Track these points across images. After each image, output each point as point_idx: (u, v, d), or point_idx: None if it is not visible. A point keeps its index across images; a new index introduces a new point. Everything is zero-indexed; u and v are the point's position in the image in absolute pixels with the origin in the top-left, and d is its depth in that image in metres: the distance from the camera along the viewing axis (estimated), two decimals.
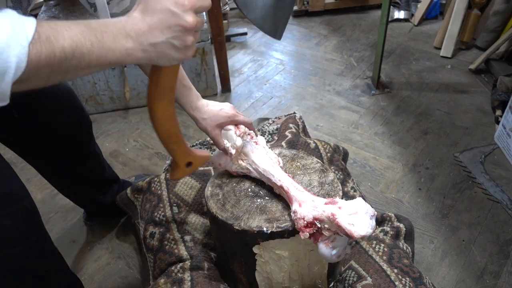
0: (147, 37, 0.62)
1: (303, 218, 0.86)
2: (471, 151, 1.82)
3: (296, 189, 0.92)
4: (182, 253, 1.18)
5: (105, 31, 0.59)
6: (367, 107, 2.13)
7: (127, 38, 0.60)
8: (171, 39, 0.62)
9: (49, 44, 0.54)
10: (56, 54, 0.54)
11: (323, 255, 0.86)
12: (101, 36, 0.58)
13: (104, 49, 0.58)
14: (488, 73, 2.30)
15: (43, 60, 0.53)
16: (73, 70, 0.57)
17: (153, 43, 0.62)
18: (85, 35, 0.57)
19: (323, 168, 1.07)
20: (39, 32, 0.53)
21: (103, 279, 1.42)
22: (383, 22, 1.98)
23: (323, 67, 2.46)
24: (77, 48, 0.56)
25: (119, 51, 0.60)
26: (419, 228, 1.50)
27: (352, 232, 0.79)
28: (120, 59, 0.61)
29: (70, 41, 0.55)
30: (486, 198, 1.61)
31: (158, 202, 1.32)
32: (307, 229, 0.86)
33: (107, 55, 0.59)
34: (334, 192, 1.00)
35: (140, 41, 0.61)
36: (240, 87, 2.33)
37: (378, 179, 1.72)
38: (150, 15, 0.62)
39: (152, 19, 0.61)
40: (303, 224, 0.86)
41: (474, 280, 1.35)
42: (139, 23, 0.61)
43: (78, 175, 1.35)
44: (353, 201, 0.85)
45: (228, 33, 2.68)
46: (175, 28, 0.62)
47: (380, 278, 1.08)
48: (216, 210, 0.97)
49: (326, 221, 0.84)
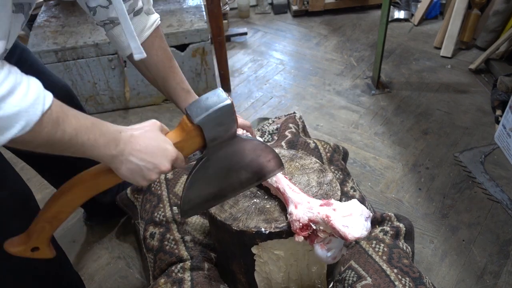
0: (131, 155, 0.71)
1: (298, 220, 0.86)
2: (471, 151, 1.82)
3: (292, 190, 0.92)
4: (182, 253, 1.18)
5: (103, 135, 0.68)
6: (367, 107, 2.13)
7: (116, 148, 0.70)
8: (144, 168, 0.73)
9: (56, 123, 0.60)
10: (57, 134, 0.61)
11: (319, 257, 0.86)
12: (99, 137, 0.67)
13: (94, 147, 0.66)
14: (488, 73, 2.30)
15: (43, 133, 0.59)
16: (59, 150, 0.64)
17: (130, 160, 0.72)
18: (88, 131, 0.65)
19: (321, 168, 1.07)
20: (52, 109, 0.59)
21: (103, 279, 1.42)
22: (383, 22, 1.98)
23: (323, 67, 2.46)
24: (75, 137, 0.63)
25: (103, 154, 0.69)
26: (419, 228, 1.50)
27: (346, 234, 0.79)
28: (98, 158, 0.69)
29: (73, 130, 0.62)
30: (486, 198, 1.61)
31: (158, 202, 1.32)
32: (303, 232, 0.86)
33: (92, 152, 0.67)
34: (332, 192, 1.00)
35: (124, 153, 0.71)
36: (240, 87, 2.33)
37: (378, 179, 1.72)
38: (146, 142, 0.73)
39: (144, 147, 0.72)
40: (299, 226, 0.86)
41: (474, 280, 1.35)
42: (138, 143, 0.72)
43: None
44: (348, 203, 0.85)
45: (228, 33, 2.68)
46: (153, 164, 0.73)
47: (380, 278, 1.08)
48: (214, 210, 0.97)
49: (321, 223, 0.84)
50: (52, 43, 1.98)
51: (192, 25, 2.04)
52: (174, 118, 2.12)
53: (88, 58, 2.00)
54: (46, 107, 0.58)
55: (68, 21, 2.14)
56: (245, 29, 2.77)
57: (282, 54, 2.61)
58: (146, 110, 2.18)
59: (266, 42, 2.73)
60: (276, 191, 0.96)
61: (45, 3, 2.32)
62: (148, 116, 2.13)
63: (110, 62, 2.03)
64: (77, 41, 1.97)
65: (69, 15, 2.21)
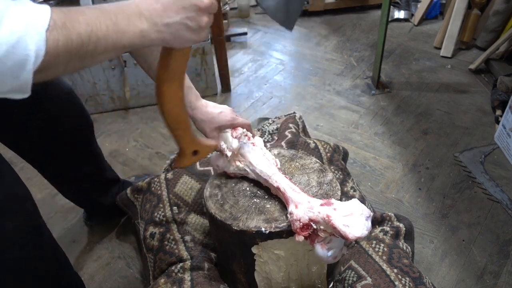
0: (161, 18, 0.61)
1: (299, 220, 0.86)
2: (471, 151, 1.82)
3: (293, 190, 0.92)
4: (182, 253, 1.18)
5: (119, 13, 0.58)
6: (367, 107, 2.13)
7: (141, 19, 0.60)
8: (185, 20, 0.62)
9: (66, 30, 0.53)
10: (73, 40, 0.54)
11: (319, 256, 0.86)
12: (116, 18, 0.58)
13: (120, 32, 0.58)
14: (488, 73, 2.30)
15: (60, 46, 0.53)
16: (90, 56, 0.57)
17: (167, 23, 0.61)
18: (100, 19, 0.56)
19: (321, 168, 1.07)
20: (54, 19, 0.53)
21: (103, 279, 1.42)
22: (383, 22, 1.98)
23: (323, 67, 2.46)
24: (93, 32, 0.55)
25: (133, 33, 0.59)
26: (419, 228, 1.50)
27: (347, 233, 0.79)
28: (135, 42, 0.60)
29: (85, 26, 0.55)
30: (486, 198, 1.61)
31: (158, 202, 1.32)
32: (303, 232, 0.86)
33: (122, 38, 0.58)
34: (332, 191, 1.00)
35: (154, 21, 0.61)
36: (240, 87, 2.33)
37: (378, 179, 1.72)
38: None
39: (167, 1, 0.61)
40: (299, 226, 0.86)
41: (474, 280, 1.35)
42: (153, 3, 0.61)
43: (79, 176, 1.35)
44: (348, 202, 0.85)
45: (228, 33, 2.68)
46: (189, 8, 0.62)
47: (380, 278, 1.08)
48: (214, 210, 0.97)
49: (321, 222, 0.84)
50: None
51: None
52: None
53: None
54: (46, 20, 0.52)
55: None
56: (245, 29, 2.77)
57: (282, 54, 2.61)
58: (146, 110, 2.18)
59: (266, 42, 2.73)
60: (276, 190, 0.96)
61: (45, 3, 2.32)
62: (148, 116, 2.13)
63: (110, 62, 2.03)
64: None
65: None
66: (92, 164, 1.37)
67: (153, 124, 2.08)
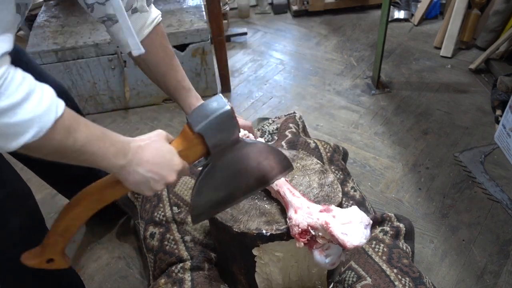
0: (138, 166, 0.72)
1: (297, 225, 0.85)
2: (471, 151, 1.82)
3: (293, 194, 0.92)
4: (182, 253, 1.18)
5: (113, 145, 0.68)
6: (367, 107, 2.13)
7: (125, 157, 0.70)
8: (151, 179, 0.73)
9: (68, 131, 0.61)
10: (68, 142, 0.61)
11: (317, 262, 0.86)
12: (109, 146, 0.67)
13: (104, 157, 0.67)
14: (488, 73, 2.30)
15: (56, 140, 0.60)
16: (70, 158, 0.64)
17: (138, 171, 0.72)
18: (98, 140, 0.66)
19: (323, 169, 1.07)
20: (64, 116, 0.60)
21: (103, 279, 1.42)
22: (383, 22, 1.98)
23: (323, 67, 2.46)
24: (86, 146, 0.64)
25: (113, 163, 0.69)
26: (419, 228, 1.50)
27: (345, 241, 0.79)
28: (107, 168, 0.69)
29: (84, 138, 0.63)
30: (486, 198, 1.61)
31: (158, 202, 1.32)
32: (302, 238, 0.86)
33: (102, 162, 0.67)
34: (334, 193, 0.99)
35: (132, 164, 0.71)
36: (240, 87, 2.33)
37: (378, 179, 1.72)
38: (153, 153, 0.73)
39: (152, 157, 0.73)
40: (298, 231, 0.85)
41: (474, 280, 1.35)
42: (145, 154, 0.72)
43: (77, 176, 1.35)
44: (347, 210, 0.84)
45: (228, 33, 2.68)
46: (160, 176, 0.74)
47: (379, 278, 1.08)
48: None
49: (320, 229, 0.83)
50: (52, 43, 1.98)
51: (192, 25, 2.04)
52: (174, 118, 2.12)
53: (88, 58, 2.00)
54: (59, 114, 0.59)
55: (68, 21, 2.14)
56: (245, 29, 2.77)
57: (282, 54, 2.61)
58: (146, 110, 2.18)
59: (266, 42, 2.72)
60: (276, 194, 0.96)
61: (45, 3, 2.32)
62: (148, 116, 2.13)
63: (110, 62, 2.03)
64: (77, 41, 1.97)
65: (69, 15, 2.21)
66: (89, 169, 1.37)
67: (153, 124, 2.07)
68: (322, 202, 0.97)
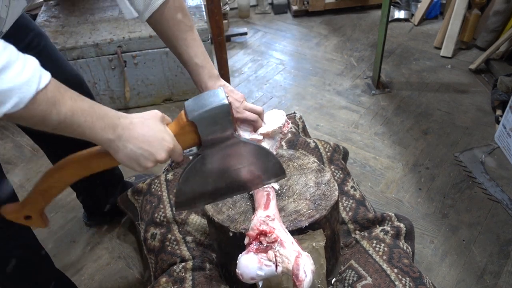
0: (128, 141, 0.72)
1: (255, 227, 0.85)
2: (471, 151, 1.82)
3: None
4: (184, 253, 1.18)
5: (101, 118, 0.68)
6: (367, 107, 2.13)
7: (114, 132, 0.70)
8: (140, 156, 0.73)
9: (51, 103, 0.60)
10: (52, 114, 0.61)
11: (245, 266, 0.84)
12: (96, 120, 0.67)
13: (91, 130, 0.67)
14: (488, 73, 2.30)
15: (38, 111, 0.60)
16: (56, 129, 0.65)
17: (127, 146, 0.72)
18: (84, 113, 0.65)
19: (319, 168, 1.07)
20: (47, 89, 0.60)
21: (103, 279, 1.42)
22: (383, 22, 1.98)
23: (323, 67, 2.46)
24: (71, 118, 0.64)
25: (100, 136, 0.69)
26: (419, 228, 1.50)
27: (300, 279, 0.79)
28: (95, 140, 0.70)
29: (68, 110, 0.63)
30: (486, 198, 1.61)
31: (158, 203, 1.32)
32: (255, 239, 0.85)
33: (90, 134, 0.68)
34: (330, 191, 1.00)
35: (121, 139, 0.71)
36: (240, 87, 2.33)
37: (378, 179, 1.72)
38: (144, 130, 0.73)
39: (142, 134, 0.73)
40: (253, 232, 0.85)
41: (474, 280, 1.34)
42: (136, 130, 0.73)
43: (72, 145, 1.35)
44: None
45: (228, 33, 2.68)
46: (150, 152, 0.74)
47: (380, 278, 1.08)
48: (212, 212, 0.97)
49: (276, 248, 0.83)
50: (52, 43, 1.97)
51: None
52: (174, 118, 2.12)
53: (88, 58, 2.00)
54: (41, 86, 0.59)
55: (68, 21, 2.14)
56: (245, 29, 2.77)
57: (282, 54, 2.61)
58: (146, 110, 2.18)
59: (266, 42, 2.72)
60: None
61: (45, 3, 2.32)
62: None
63: (110, 62, 2.03)
64: (77, 41, 1.97)
65: (69, 15, 2.21)
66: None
67: None
68: (319, 200, 0.98)
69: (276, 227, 0.85)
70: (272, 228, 0.84)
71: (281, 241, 0.83)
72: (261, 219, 0.86)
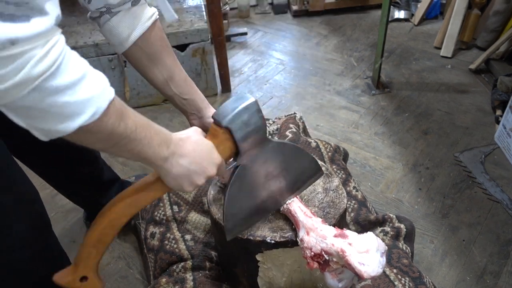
0: (181, 158, 0.71)
1: (310, 249, 0.82)
2: (471, 151, 1.82)
3: (304, 214, 0.88)
4: (183, 252, 1.18)
5: (157, 134, 0.68)
6: (367, 107, 2.13)
7: (168, 148, 0.69)
8: (192, 172, 0.72)
9: (119, 115, 0.60)
10: (120, 127, 0.60)
11: (329, 285, 0.83)
12: (154, 135, 0.67)
13: (150, 146, 0.66)
14: (488, 73, 2.30)
15: (109, 124, 0.58)
16: (118, 147, 0.63)
17: (180, 163, 0.71)
18: (144, 128, 0.65)
19: (327, 173, 1.05)
20: (115, 100, 0.59)
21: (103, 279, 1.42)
22: (383, 22, 1.98)
23: (323, 67, 2.46)
24: (135, 133, 0.63)
25: (157, 153, 0.68)
26: (419, 228, 1.50)
27: (362, 272, 0.76)
28: (151, 159, 0.68)
29: (133, 124, 0.63)
30: (486, 198, 1.61)
31: (158, 201, 1.32)
32: (314, 261, 0.82)
33: (147, 151, 0.66)
34: (339, 199, 0.98)
35: (174, 156, 0.70)
36: (240, 87, 2.33)
37: (378, 179, 1.72)
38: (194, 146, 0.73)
39: (193, 150, 0.72)
40: (310, 255, 0.82)
41: (474, 280, 1.34)
42: (186, 146, 0.72)
43: (77, 176, 1.35)
44: (364, 237, 0.80)
45: (228, 33, 2.68)
46: (202, 168, 0.73)
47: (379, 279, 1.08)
48: (219, 216, 0.95)
49: (334, 255, 0.79)
50: None
51: (192, 25, 2.04)
52: (173, 118, 2.12)
53: (88, 58, 1.98)
54: (112, 96, 0.58)
55: (68, 21, 2.14)
56: (245, 29, 2.77)
57: (282, 54, 2.61)
58: (146, 110, 2.18)
59: (266, 42, 2.72)
60: (286, 212, 0.92)
61: None
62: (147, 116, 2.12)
63: (110, 62, 2.03)
64: (77, 41, 1.97)
65: (69, 15, 2.20)
66: (89, 164, 1.37)
67: None
68: (327, 208, 0.96)
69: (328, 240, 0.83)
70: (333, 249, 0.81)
71: None
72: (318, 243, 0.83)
